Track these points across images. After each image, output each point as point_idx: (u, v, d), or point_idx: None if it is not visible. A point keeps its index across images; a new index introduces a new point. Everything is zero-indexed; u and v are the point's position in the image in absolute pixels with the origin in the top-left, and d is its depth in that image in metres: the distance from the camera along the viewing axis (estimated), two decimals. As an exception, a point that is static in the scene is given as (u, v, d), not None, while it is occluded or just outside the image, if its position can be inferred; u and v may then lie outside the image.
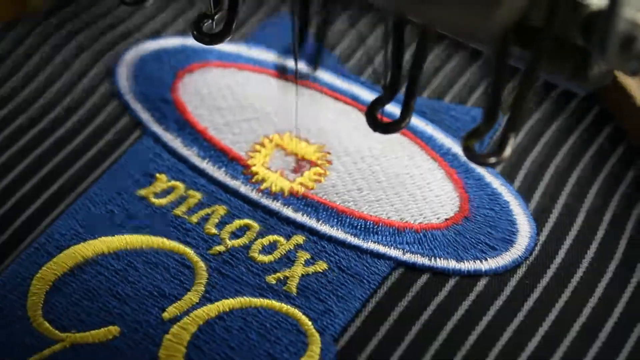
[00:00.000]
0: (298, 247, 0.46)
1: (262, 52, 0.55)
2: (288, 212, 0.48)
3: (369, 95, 0.52)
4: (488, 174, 0.50)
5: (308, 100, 0.53)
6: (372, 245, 0.46)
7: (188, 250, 0.46)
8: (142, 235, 0.47)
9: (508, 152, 0.37)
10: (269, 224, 0.47)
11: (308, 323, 0.44)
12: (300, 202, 0.48)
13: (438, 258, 0.46)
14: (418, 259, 0.46)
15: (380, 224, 0.47)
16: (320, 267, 0.46)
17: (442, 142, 0.51)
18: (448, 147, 0.51)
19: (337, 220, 0.47)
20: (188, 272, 0.45)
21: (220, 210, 0.48)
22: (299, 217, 0.47)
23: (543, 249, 0.47)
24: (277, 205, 0.48)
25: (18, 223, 0.47)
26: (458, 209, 0.48)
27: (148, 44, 0.56)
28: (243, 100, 0.52)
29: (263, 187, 0.49)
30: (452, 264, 0.46)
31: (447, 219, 0.48)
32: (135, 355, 0.43)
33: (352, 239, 0.47)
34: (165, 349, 0.43)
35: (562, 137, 0.51)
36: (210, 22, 0.42)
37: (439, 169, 0.50)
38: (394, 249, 0.46)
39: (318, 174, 0.49)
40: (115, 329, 0.43)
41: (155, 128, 0.51)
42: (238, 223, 0.47)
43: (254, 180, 0.49)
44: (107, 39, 0.56)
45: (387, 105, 0.41)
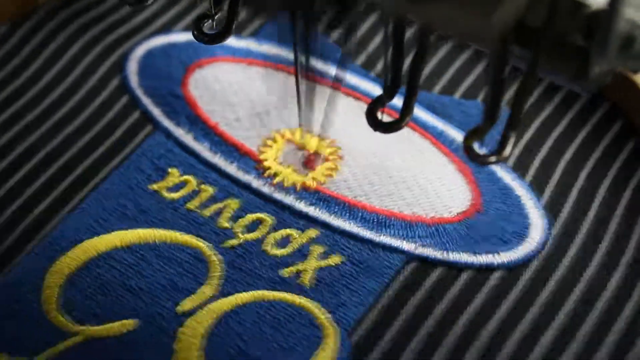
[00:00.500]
0: (311, 240, 0.46)
1: (271, 47, 0.56)
2: (301, 206, 0.48)
3: (380, 91, 0.52)
4: (500, 169, 0.50)
5: (319, 96, 0.52)
6: (384, 239, 0.46)
7: (201, 244, 0.46)
8: (155, 229, 0.47)
9: (508, 151, 0.37)
10: (282, 218, 0.47)
11: (322, 317, 0.44)
12: (313, 196, 0.48)
13: (451, 252, 0.46)
14: (431, 253, 0.46)
15: (393, 218, 0.47)
16: (334, 260, 0.46)
17: (453, 137, 0.51)
18: (459, 142, 0.51)
19: (349, 214, 0.47)
20: (201, 265, 0.45)
21: (233, 205, 0.48)
22: (312, 210, 0.47)
23: (556, 243, 0.47)
24: (289, 200, 0.48)
25: (31, 218, 0.47)
26: (470, 203, 0.48)
27: (157, 39, 0.56)
28: (254, 95, 0.53)
29: (275, 181, 0.49)
30: (465, 258, 0.46)
31: (459, 213, 0.48)
32: (150, 349, 0.43)
33: (365, 233, 0.47)
34: (180, 343, 0.43)
35: (572, 132, 0.52)
36: (211, 21, 0.43)
37: (450, 164, 0.50)
38: (407, 243, 0.46)
39: (330, 169, 0.49)
40: (130, 323, 0.43)
41: (167, 123, 0.51)
42: (251, 217, 0.47)
43: (266, 175, 0.49)
44: (116, 35, 0.56)
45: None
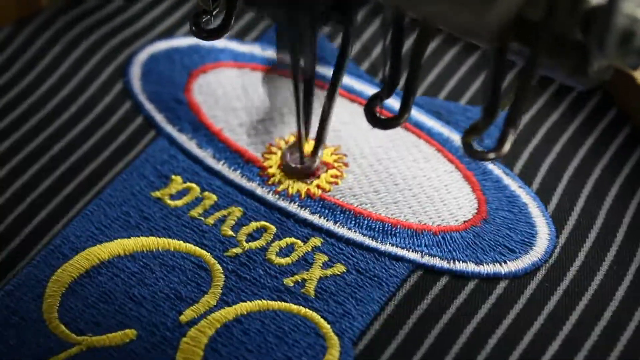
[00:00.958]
0: (316, 249, 0.46)
1: (275, 52, 0.55)
2: (305, 214, 0.47)
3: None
4: (506, 176, 0.49)
5: (318, 100, 0.52)
6: (390, 248, 0.46)
7: (205, 253, 0.46)
8: (158, 238, 0.46)
9: (507, 148, 0.37)
10: (286, 226, 0.47)
11: (327, 326, 0.43)
12: (317, 204, 0.48)
13: (457, 261, 0.46)
14: (437, 262, 0.46)
15: (398, 226, 0.47)
16: (338, 269, 0.45)
17: (458, 144, 0.51)
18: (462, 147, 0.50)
19: (354, 223, 0.47)
20: (205, 274, 0.45)
21: (237, 212, 0.47)
22: (316, 219, 0.47)
23: (562, 252, 0.46)
24: (294, 208, 0.47)
25: (33, 225, 0.47)
26: (476, 211, 0.48)
27: (161, 44, 0.56)
28: (258, 101, 0.52)
29: (280, 189, 0.48)
30: (471, 267, 0.45)
31: (465, 222, 0.47)
32: (153, 359, 0.42)
33: (369, 242, 0.46)
34: (183, 353, 0.42)
35: (579, 138, 0.51)
36: (209, 18, 0.42)
37: (456, 171, 0.49)
38: (412, 252, 0.46)
39: (334, 176, 0.49)
40: (132, 332, 0.43)
41: (170, 129, 0.51)
42: (255, 225, 0.47)
43: (270, 182, 0.48)
44: (119, 39, 0.56)
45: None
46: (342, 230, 0.47)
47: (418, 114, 0.52)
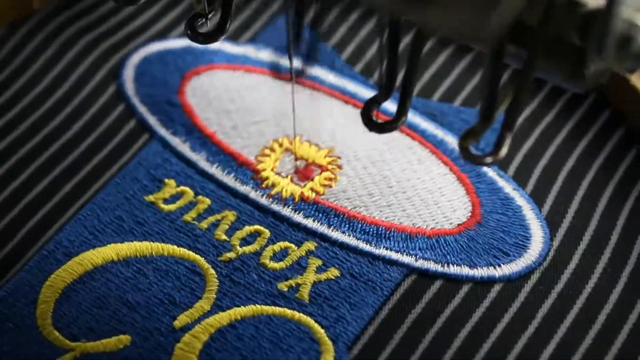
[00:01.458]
0: (309, 253, 0.46)
1: (269, 54, 0.55)
2: (299, 218, 0.47)
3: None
4: (500, 179, 0.49)
5: (317, 104, 0.52)
6: (384, 252, 0.46)
7: (198, 258, 0.46)
8: (151, 242, 0.46)
9: (504, 152, 0.37)
10: (280, 230, 0.47)
11: (321, 331, 0.43)
12: (311, 207, 0.48)
13: (451, 264, 0.46)
14: (431, 265, 0.46)
15: (392, 230, 0.47)
16: (332, 273, 0.45)
17: (452, 146, 0.50)
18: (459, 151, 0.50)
19: (348, 226, 0.47)
20: (199, 279, 0.45)
21: (230, 216, 0.47)
22: (310, 223, 0.47)
23: (557, 255, 0.46)
24: (287, 211, 0.47)
25: (25, 230, 0.47)
26: (470, 214, 0.48)
27: (154, 45, 0.55)
28: (251, 104, 0.52)
29: (273, 192, 0.48)
30: (465, 271, 0.45)
31: (459, 224, 0.47)
32: (147, 365, 0.42)
33: (364, 245, 0.46)
34: (177, 358, 0.42)
35: (573, 140, 0.51)
36: (205, 21, 0.42)
37: (450, 174, 0.49)
38: (407, 255, 0.46)
39: (328, 179, 0.49)
40: (126, 338, 0.43)
41: (163, 132, 0.51)
42: (248, 229, 0.47)
43: (264, 186, 0.48)
44: (111, 41, 0.56)
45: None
46: (336, 234, 0.47)
47: (412, 116, 0.51)
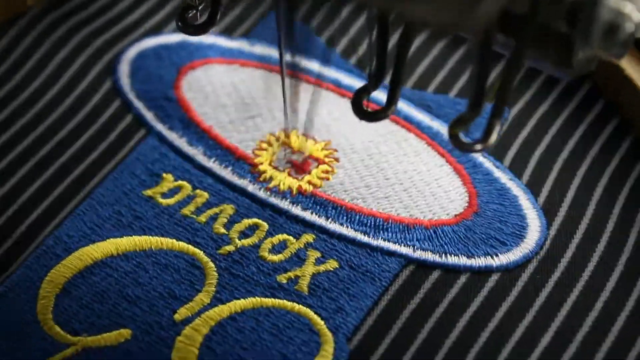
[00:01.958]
0: (308, 245, 0.46)
1: (264, 48, 0.55)
2: (297, 210, 0.47)
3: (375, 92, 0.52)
4: (496, 169, 0.49)
5: (313, 98, 0.52)
6: (382, 243, 0.46)
7: (197, 251, 0.46)
8: (150, 236, 0.46)
9: (493, 139, 0.37)
10: (278, 223, 0.47)
11: (320, 322, 0.44)
12: (309, 200, 0.48)
13: (449, 254, 0.46)
14: (429, 256, 0.46)
15: (390, 221, 0.47)
16: (331, 265, 0.45)
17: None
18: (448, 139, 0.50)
19: (346, 218, 0.47)
20: (198, 272, 0.45)
21: (229, 210, 0.47)
22: (308, 215, 0.47)
23: (553, 243, 0.47)
24: (285, 204, 0.48)
25: (25, 226, 0.47)
26: (467, 205, 0.48)
27: (149, 41, 0.55)
28: (247, 98, 0.52)
29: (271, 185, 0.48)
30: (463, 260, 0.46)
31: (456, 215, 0.47)
32: (148, 358, 0.42)
33: (362, 237, 0.46)
34: (178, 351, 0.42)
35: (568, 130, 0.51)
36: (195, 13, 0.42)
37: (447, 165, 0.50)
38: (405, 246, 0.46)
39: (325, 172, 0.49)
40: (127, 332, 0.43)
41: (160, 127, 0.51)
42: (247, 222, 0.47)
43: (262, 179, 0.49)
44: (106, 37, 0.56)
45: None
46: (334, 226, 0.47)
47: (408, 108, 0.52)
